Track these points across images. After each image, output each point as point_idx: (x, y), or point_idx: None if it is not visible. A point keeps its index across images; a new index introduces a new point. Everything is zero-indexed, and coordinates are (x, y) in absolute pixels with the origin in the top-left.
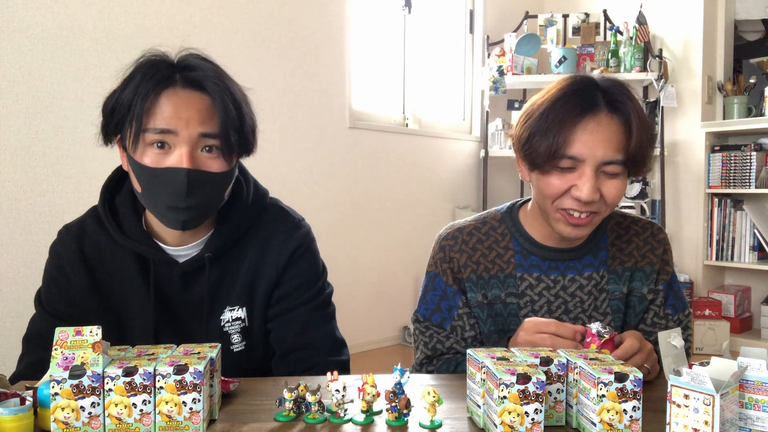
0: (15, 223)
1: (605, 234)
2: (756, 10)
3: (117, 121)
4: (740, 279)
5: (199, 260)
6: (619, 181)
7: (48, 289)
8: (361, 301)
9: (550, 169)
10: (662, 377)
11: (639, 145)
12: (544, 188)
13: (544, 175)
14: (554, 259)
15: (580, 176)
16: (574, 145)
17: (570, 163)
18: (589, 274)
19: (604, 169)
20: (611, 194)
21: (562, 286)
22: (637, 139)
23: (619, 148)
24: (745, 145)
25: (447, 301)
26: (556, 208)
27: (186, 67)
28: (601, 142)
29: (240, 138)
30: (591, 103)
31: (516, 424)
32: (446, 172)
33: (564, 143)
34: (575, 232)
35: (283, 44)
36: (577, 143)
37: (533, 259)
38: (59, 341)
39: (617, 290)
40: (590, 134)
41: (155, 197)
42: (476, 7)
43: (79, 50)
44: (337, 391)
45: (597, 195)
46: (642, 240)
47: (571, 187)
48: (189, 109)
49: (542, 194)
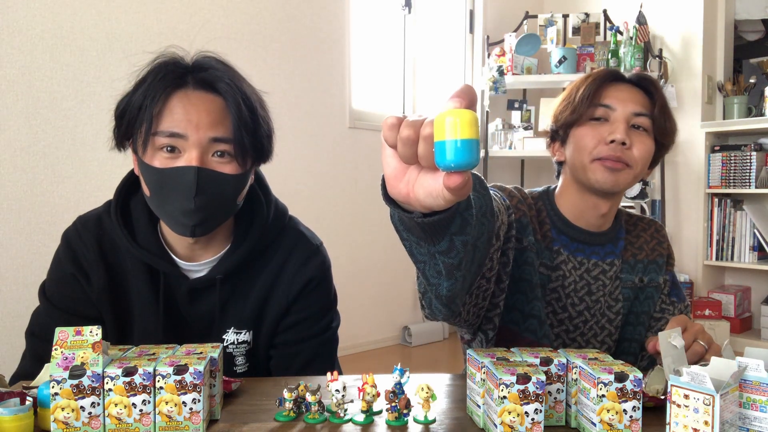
0: (15, 223)
1: (622, 226)
2: (756, 10)
3: (128, 124)
4: (740, 279)
5: (209, 279)
6: (647, 137)
7: (58, 282)
8: (361, 301)
9: (584, 122)
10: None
11: (662, 109)
12: (580, 140)
13: (579, 128)
14: (582, 241)
15: (613, 123)
16: (606, 97)
17: (603, 112)
18: (611, 261)
19: (634, 122)
20: (639, 147)
21: (587, 269)
22: (660, 104)
23: (645, 106)
24: (745, 145)
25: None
26: (591, 158)
27: (199, 68)
28: (630, 98)
29: (254, 142)
30: (617, 77)
31: (516, 424)
32: None
33: (598, 95)
34: (611, 178)
35: (284, 44)
36: (609, 96)
37: (563, 238)
38: (59, 341)
39: (629, 279)
40: (620, 91)
41: (164, 199)
42: (476, 7)
43: (79, 50)
44: (337, 391)
45: (629, 141)
46: (649, 235)
47: (604, 137)
48: (200, 111)
49: (578, 148)
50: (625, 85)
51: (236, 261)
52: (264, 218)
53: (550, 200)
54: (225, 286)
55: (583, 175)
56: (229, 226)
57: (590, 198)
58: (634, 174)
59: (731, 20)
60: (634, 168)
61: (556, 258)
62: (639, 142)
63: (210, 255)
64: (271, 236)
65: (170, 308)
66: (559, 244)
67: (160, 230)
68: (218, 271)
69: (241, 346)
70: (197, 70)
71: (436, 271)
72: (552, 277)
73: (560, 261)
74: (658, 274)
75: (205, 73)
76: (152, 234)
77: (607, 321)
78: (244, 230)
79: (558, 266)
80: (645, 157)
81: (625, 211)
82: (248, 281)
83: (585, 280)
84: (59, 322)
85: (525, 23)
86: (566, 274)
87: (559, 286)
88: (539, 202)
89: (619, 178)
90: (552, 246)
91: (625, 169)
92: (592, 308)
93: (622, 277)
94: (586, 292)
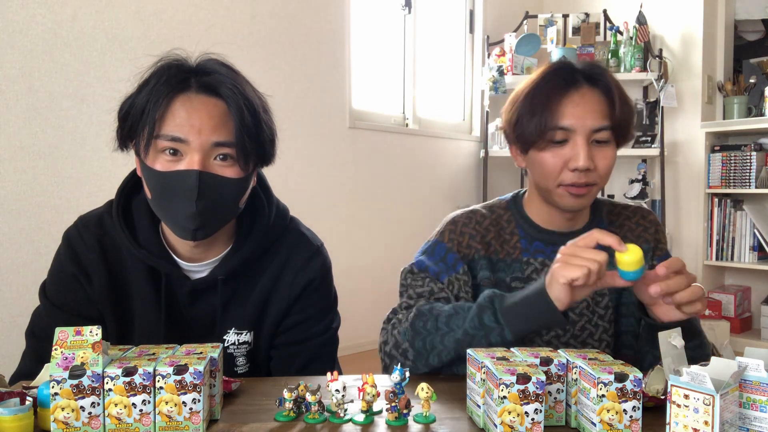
0: (15, 223)
1: (602, 220)
2: (756, 10)
3: (130, 126)
4: (740, 279)
5: (211, 280)
6: (609, 151)
7: (58, 282)
8: (361, 301)
9: (544, 146)
10: None
11: (622, 111)
12: (541, 167)
13: (539, 152)
14: (557, 242)
15: (574, 147)
16: (564, 117)
17: (562, 134)
18: None
19: (594, 137)
20: (603, 164)
21: None
22: (620, 105)
23: (605, 115)
24: (745, 145)
25: (445, 264)
26: (556, 184)
27: (202, 72)
28: (588, 112)
29: (256, 146)
30: (572, 79)
31: (516, 424)
32: (446, 171)
33: (554, 116)
34: (578, 202)
35: (284, 44)
36: (566, 115)
37: (537, 244)
38: (59, 341)
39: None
40: (576, 106)
41: (166, 202)
42: (476, 7)
43: (79, 50)
44: (337, 391)
45: (592, 163)
46: (634, 223)
47: (566, 162)
48: (202, 115)
49: (541, 173)
50: (579, 92)
51: (238, 262)
52: (266, 219)
53: (519, 208)
54: (226, 287)
55: (548, 196)
56: (230, 227)
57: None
58: (600, 187)
59: (731, 20)
60: (600, 183)
61: (527, 269)
62: (602, 157)
63: (212, 256)
64: (272, 237)
65: (171, 309)
66: (529, 254)
67: (162, 231)
68: (220, 272)
69: (242, 346)
70: (200, 73)
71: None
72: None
73: (531, 271)
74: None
75: (209, 77)
76: (154, 235)
77: (599, 317)
78: (245, 231)
79: (529, 276)
80: (610, 168)
81: (608, 202)
82: (249, 282)
83: None
84: (59, 322)
85: (525, 23)
86: None
87: None
88: (507, 213)
89: (586, 200)
90: (521, 258)
91: (592, 189)
92: (577, 308)
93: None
94: None
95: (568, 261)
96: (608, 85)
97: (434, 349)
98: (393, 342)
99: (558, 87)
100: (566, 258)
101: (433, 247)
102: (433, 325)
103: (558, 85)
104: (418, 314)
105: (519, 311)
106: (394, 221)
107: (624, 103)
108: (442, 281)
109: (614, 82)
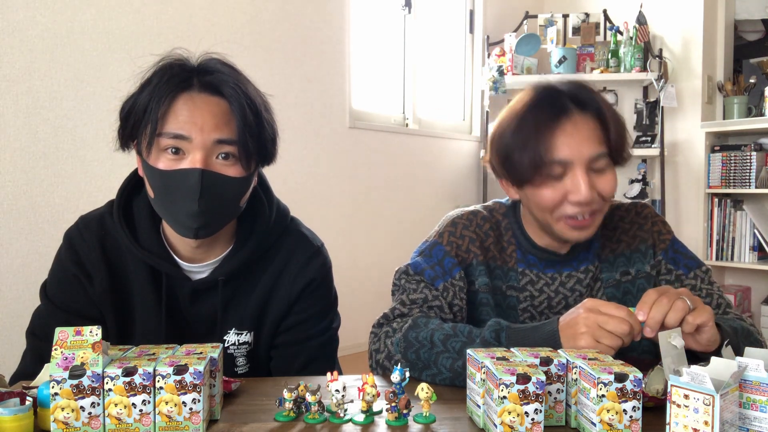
0: (15, 223)
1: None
2: (756, 10)
3: (133, 125)
4: (740, 279)
5: (212, 281)
6: (609, 175)
7: (59, 282)
8: (362, 300)
9: (540, 181)
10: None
11: (617, 133)
12: (539, 202)
13: (536, 188)
14: (552, 262)
15: (573, 179)
16: (558, 150)
17: (559, 168)
18: (585, 267)
19: (593, 166)
20: (606, 189)
21: (560, 282)
22: (614, 128)
23: (600, 141)
24: (745, 145)
25: (442, 268)
26: (556, 218)
27: (204, 71)
28: (583, 140)
29: (258, 145)
30: (560, 106)
31: (516, 424)
32: (446, 172)
33: (548, 150)
34: (583, 234)
35: (284, 44)
36: (561, 147)
37: (531, 258)
38: (59, 341)
39: (611, 278)
40: (570, 136)
41: (168, 201)
42: (476, 7)
43: (79, 50)
44: (337, 391)
45: (594, 193)
46: (628, 222)
47: (566, 195)
48: (204, 114)
49: (539, 208)
50: (571, 120)
51: (238, 263)
52: (266, 220)
53: (517, 218)
54: (227, 288)
55: (547, 227)
56: (231, 227)
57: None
58: (606, 210)
59: (731, 20)
60: (603, 209)
61: (522, 279)
62: (604, 183)
63: (212, 257)
64: (273, 238)
65: (172, 309)
66: (525, 264)
67: (163, 231)
68: (220, 273)
69: (242, 347)
70: (203, 72)
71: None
72: (520, 298)
73: (527, 281)
74: (644, 263)
75: (211, 76)
76: (155, 235)
77: None
78: (246, 232)
79: (524, 287)
80: (613, 190)
81: None
82: (250, 282)
83: (561, 294)
84: (60, 322)
85: (525, 23)
86: (534, 294)
87: (529, 305)
88: (505, 220)
89: (590, 230)
90: (517, 267)
91: (596, 217)
92: None
93: (603, 278)
94: (564, 306)
95: (594, 334)
96: (599, 108)
97: (428, 367)
98: (386, 353)
99: (547, 117)
100: (593, 330)
101: (431, 248)
102: (427, 338)
103: (547, 115)
104: (413, 325)
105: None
106: (393, 221)
107: (617, 124)
108: (437, 287)
109: (604, 102)
